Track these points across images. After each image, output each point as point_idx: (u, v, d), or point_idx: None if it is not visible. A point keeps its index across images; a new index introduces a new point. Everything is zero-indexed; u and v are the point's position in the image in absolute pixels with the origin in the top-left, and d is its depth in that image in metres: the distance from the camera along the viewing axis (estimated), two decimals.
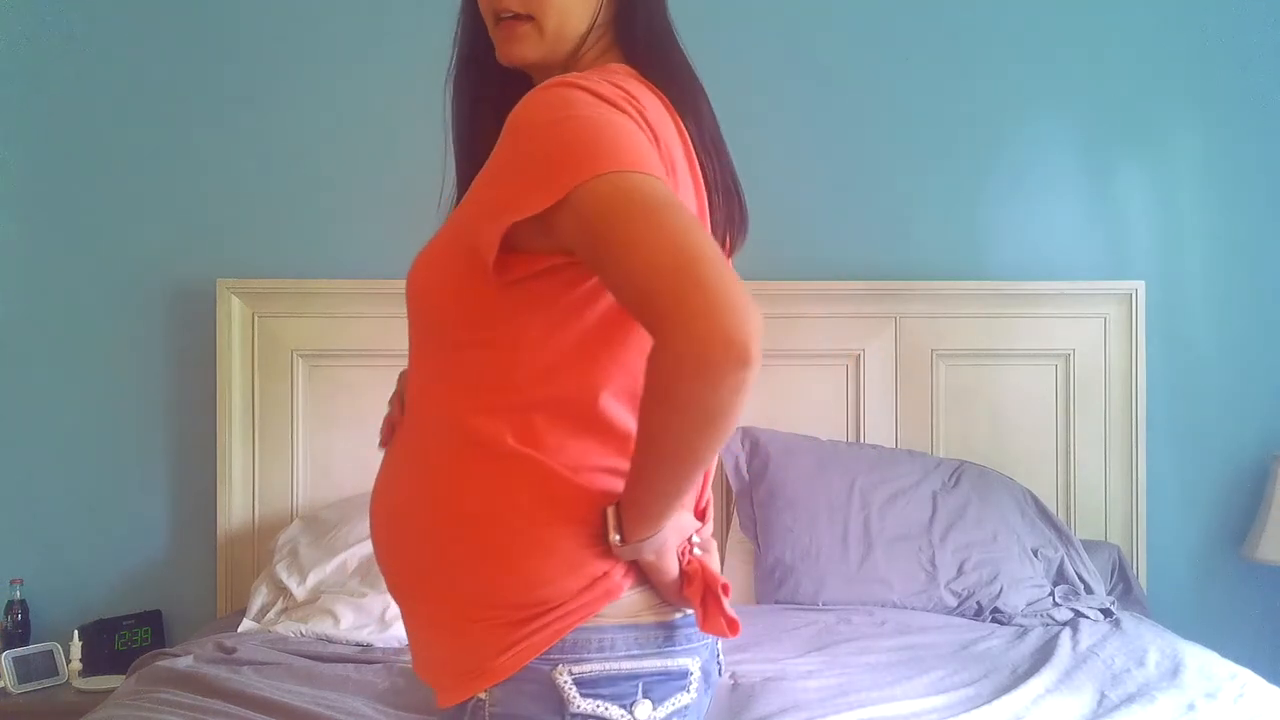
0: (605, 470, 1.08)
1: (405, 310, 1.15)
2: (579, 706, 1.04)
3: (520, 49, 1.16)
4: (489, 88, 1.25)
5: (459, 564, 1.07)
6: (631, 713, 1.06)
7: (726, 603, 1.09)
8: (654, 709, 1.08)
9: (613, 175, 0.96)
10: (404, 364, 1.19)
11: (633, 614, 1.08)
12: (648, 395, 0.97)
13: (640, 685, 1.07)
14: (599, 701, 1.05)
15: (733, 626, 1.09)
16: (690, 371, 0.92)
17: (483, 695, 1.06)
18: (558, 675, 1.04)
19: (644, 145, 1.02)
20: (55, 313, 3.03)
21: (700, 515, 1.18)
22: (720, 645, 1.23)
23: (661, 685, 1.09)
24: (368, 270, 2.97)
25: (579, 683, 1.05)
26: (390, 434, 1.20)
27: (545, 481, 1.06)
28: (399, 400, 1.21)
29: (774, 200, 3.03)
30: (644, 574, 1.09)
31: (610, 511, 1.05)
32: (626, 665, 1.07)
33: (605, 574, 1.06)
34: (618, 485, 1.07)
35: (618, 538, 1.05)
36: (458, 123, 1.28)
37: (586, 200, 0.96)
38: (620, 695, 1.06)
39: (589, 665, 1.05)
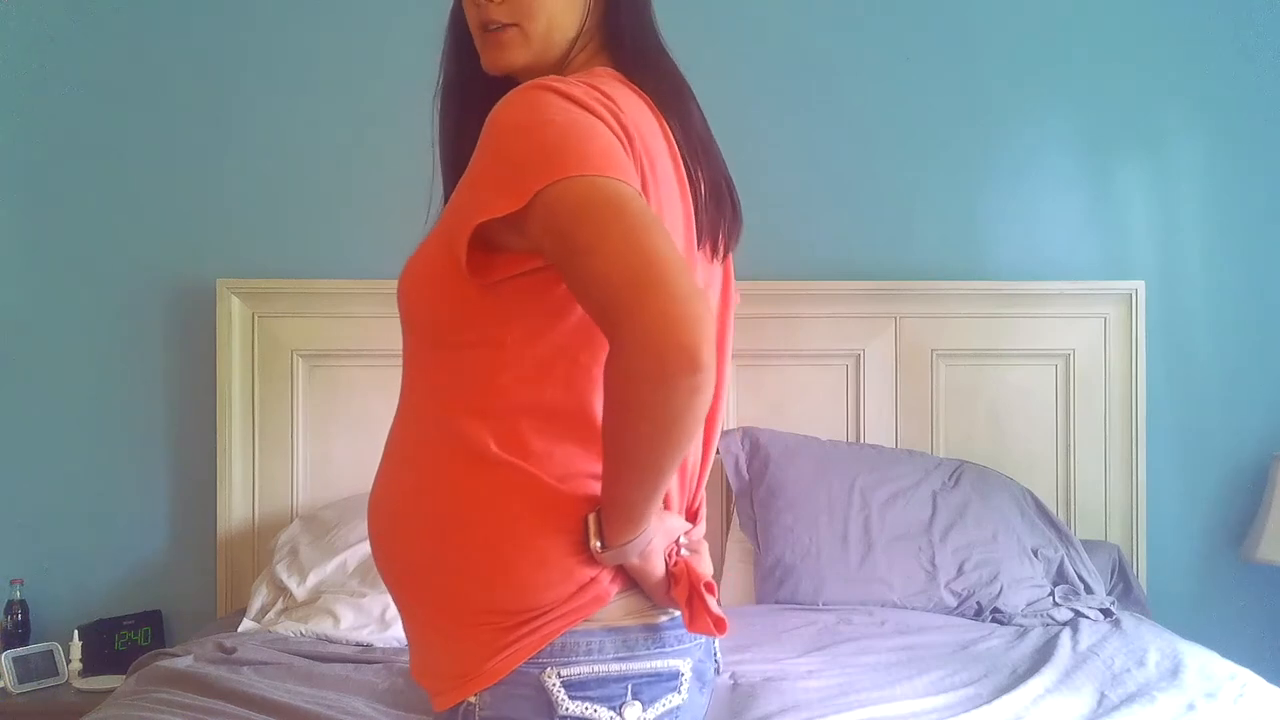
0: (593, 475, 1.08)
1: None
2: (567, 709, 1.05)
3: (507, 55, 1.17)
4: (476, 103, 1.24)
5: (450, 568, 1.08)
6: (620, 714, 1.07)
7: (712, 601, 1.09)
8: (644, 710, 1.08)
9: (576, 179, 0.97)
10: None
11: (621, 617, 1.09)
12: (608, 402, 0.98)
13: (629, 687, 1.08)
14: (587, 703, 1.06)
15: (719, 625, 1.09)
16: (643, 378, 0.92)
17: (473, 699, 1.06)
18: (546, 678, 1.05)
19: (612, 147, 1.02)
20: (55, 313, 3.03)
21: (692, 517, 1.18)
22: (718, 644, 1.23)
23: (651, 686, 1.09)
24: (368, 270, 2.97)
25: (567, 685, 1.05)
26: None
27: (532, 491, 1.06)
28: None
29: (774, 200, 3.04)
30: (633, 578, 1.09)
31: (591, 519, 1.05)
32: (615, 667, 1.07)
33: (593, 579, 1.07)
34: None
35: (599, 544, 1.05)
36: (444, 138, 1.29)
37: (550, 204, 0.97)
38: (609, 697, 1.06)
39: (577, 668, 1.06)
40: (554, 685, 1.05)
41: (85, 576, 3.00)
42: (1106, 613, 2.60)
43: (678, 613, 1.12)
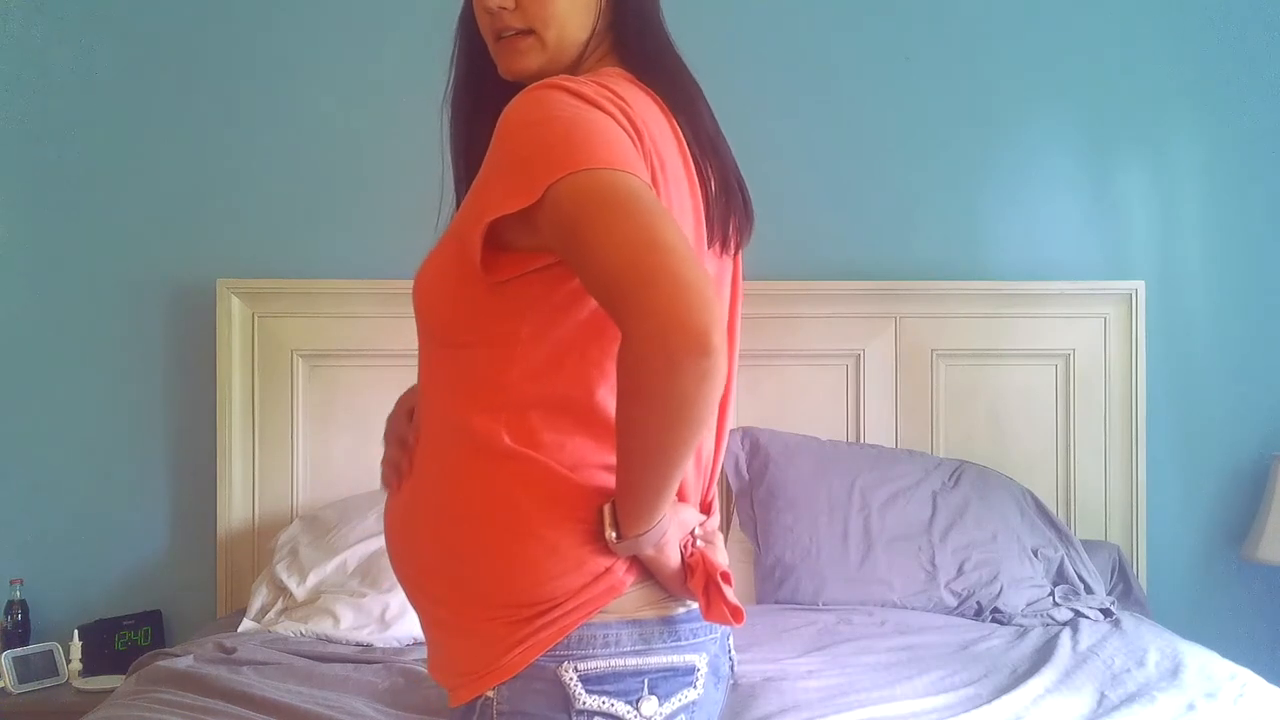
0: (603, 467, 1.08)
1: (407, 310, 1.17)
2: (585, 703, 1.05)
3: (523, 62, 1.18)
4: (488, 104, 1.25)
5: (464, 564, 1.08)
6: (638, 709, 1.07)
7: (729, 591, 1.09)
8: (660, 705, 1.08)
9: (584, 173, 0.97)
10: (404, 364, 1.20)
11: (637, 609, 1.09)
12: (620, 392, 0.98)
13: (646, 681, 1.08)
14: (604, 698, 1.06)
15: (736, 614, 1.09)
16: (653, 363, 0.93)
17: (490, 693, 1.07)
18: (563, 672, 1.05)
19: (620, 141, 1.03)
20: (56, 313, 3.03)
21: (705, 508, 1.18)
22: (733, 641, 1.23)
23: (667, 681, 1.09)
24: (367, 270, 2.97)
25: (585, 679, 1.05)
26: (394, 476, 1.18)
27: (544, 481, 1.06)
28: (396, 437, 1.20)
29: (774, 200, 3.02)
30: (647, 569, 1.09)
31: (606, 509, 1.06)
32: (632, 661, 1.07)
33: (607, 570, 1.07)
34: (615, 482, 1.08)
35: (614, 534, 1.05)
36: (456, 139, 1.29)
37: (559, 198, 0.97)
38: (626, 691, 1.07)
39: (595, 662, 1.06)
40: (571, 679, 1.05)
41: (85, 576, 3.00)
42: (1106, 613, 2.60)
43: (694, 604, 1.12)
